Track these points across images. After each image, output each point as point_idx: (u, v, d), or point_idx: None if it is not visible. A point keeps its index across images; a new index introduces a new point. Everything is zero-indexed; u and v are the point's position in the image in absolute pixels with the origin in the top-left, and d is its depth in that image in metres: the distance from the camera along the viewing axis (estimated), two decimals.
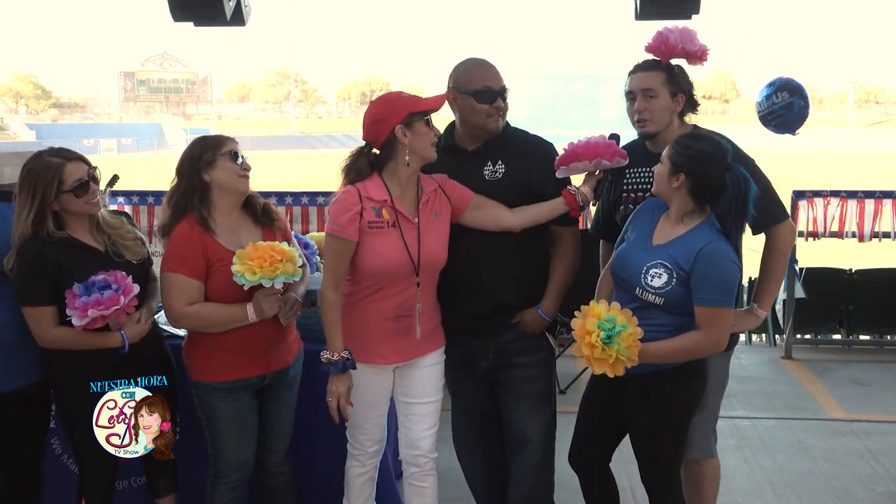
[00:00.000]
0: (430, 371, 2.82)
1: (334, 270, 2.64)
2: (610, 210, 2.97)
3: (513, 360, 2.86)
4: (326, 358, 2.61)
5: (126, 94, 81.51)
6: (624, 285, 2.59)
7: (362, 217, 2.60)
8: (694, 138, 2.56)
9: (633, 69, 2.82)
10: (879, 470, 4.12)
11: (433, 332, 2.81)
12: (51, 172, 2.61)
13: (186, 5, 4.97)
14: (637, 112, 2.78)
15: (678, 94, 2.77)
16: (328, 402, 2.63)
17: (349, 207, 2.60)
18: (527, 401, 2.89)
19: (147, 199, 6.10)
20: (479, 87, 2.74)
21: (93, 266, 2.62)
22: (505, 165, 2.78)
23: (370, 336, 2.70)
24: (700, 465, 2.91)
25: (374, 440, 2.86)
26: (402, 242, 2.62)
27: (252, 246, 2.58)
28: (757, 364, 6.07)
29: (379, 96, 2.70)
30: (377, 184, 2.65)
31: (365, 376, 2.71)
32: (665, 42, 2.76)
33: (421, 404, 2.83)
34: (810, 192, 6.21)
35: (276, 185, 23.58)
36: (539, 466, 2.94)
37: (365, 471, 2.89)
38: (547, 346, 2.90)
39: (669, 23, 2.87)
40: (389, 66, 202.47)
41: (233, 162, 2.68)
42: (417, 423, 2.83)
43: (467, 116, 2.79)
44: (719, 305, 2.43)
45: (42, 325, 2.62)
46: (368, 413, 2.79)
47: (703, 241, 2.45)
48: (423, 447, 2.84)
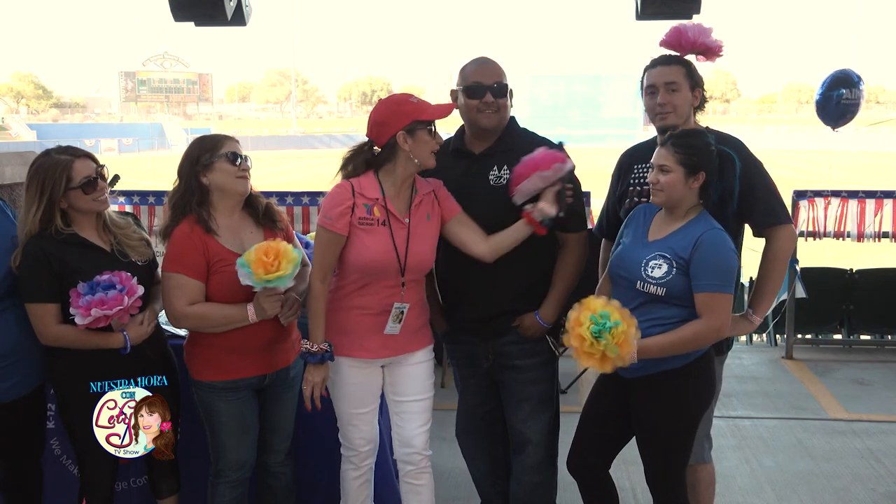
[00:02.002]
0: (419, 368, 2.83)
1: (322, 262, 2.66)
2: (615, 207, 2.96)
3: (513, 363, 2.87)
4: (306, 348, 2.65)
5: (127, 93, 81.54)
6: (624, 283, 2.58)
7: (353, 213, 2.62)
8: (688, 135, 2.56)
9: (652, 63, 2.81)
10: (880, 470, 4.12)
11: (421, 331, 2.82)
12: (59, 169, 2.62)
13: (187, 5, 4.96)
14: (660, 105, 2.75)
15: (696, 88, 2.78)
16: (303, 388, 2.68)
17: (341, 202, 2.62)
18: (527, 402, 2.90)
19: (148, 199, 6.10)
20: (469, 83, 2.76)
21: (98, 265, 2.62)
22: (510, 171, 2.77)
23: (356, 330, 2.72)
24: (695, 470, 2.89)
25: (367, 439, 2.86)
26: (390, 241, 2.64)
27: (259, 246, 2.58)
28: (758, 364, 6.07)
29: (388, 97, 2.71)
30: (372, 181, 2.66)
31: (351, 370, 2.74)
32: (683, 36, 2.76)
33: (411, 402, 2.84)
34: (811, 192, 6.20)
35: (277, 184, 23.63)
36: (540, 467, 2.95)
37: (360, 473, 2.89)
38: (547, 348, 2.90)
39: (671, 23, 2.86)
40: (390, 66, 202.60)
41: (231, 164, 2.68)
42: (409, 421, 2.84)
43: (463, 114, 2.81)
44: (719, 291, 2.44)
45: (45, 323, 2.62)
46: (356, 408, 2.80)
47: (701, 230, 2.48)
48: (416, 444, 2.84)
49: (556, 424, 2.99)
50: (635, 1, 4.96)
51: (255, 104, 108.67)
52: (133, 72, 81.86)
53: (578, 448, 2.76)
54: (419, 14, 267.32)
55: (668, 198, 2.53)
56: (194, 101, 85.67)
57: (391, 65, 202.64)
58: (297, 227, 5.79)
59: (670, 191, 2.51)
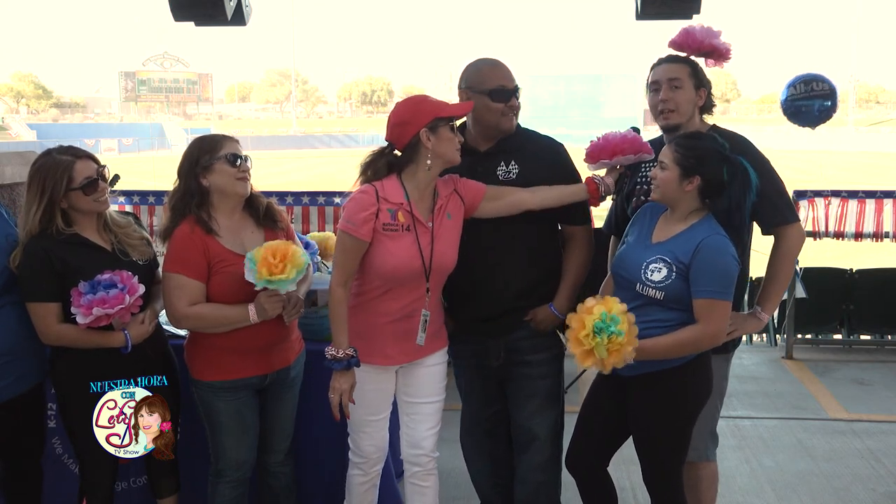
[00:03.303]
0: (433, 371, 2.82)
1: (344, 267, 2.62)
2: (623, 204, 2.97)
3: (524, 358, 2.87)
4: (331, 355, 2.58)
5: (127, 93, 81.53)
6: (624, 283, 2.59)
7: (378, 218, 2.58)
8: (694, 137, 2.56)
9: (658, 61, 2.85)
10: (880, 470, 4.12)
11: (437, 333, 2.81)
12: (60, 169, 2.62)
13: (187, 5, 4.97)
14: (662, 101, 2.77)
15: (701, 88, 2.79)
16: (330, 398, 2.60)
17: (366, 207, 2.57)
18: (535, 398, 2.90)
19: (148, 198, 6.11)
20: (493, 87, 2.74)
21: (99, 265, 2.62)
22: (519, 166, 2.78)
23: (376, 337, 2.69)
24: (697, 468, 2.90)
25: (378, 446, 2.84)
26: (416, 247, 2.61)
27: (269, 245, 2.57)
28: (758, 364, 6.07)
29: (405, 98, 2.70)
30: (395, 185, 2.62)
31: (368, 377, 2.70)
32: (691, 37, 2.78)
33: (424, 404, 2.83)
34: (811, 192, 6.21)
35: (277, 184, 23.61)
36: (545, 465, 2.94)
37: (367, 479, 2.87)
38: (557, 343, 2.91)
39: (671, 23, 2.88)
40: (390, 66, 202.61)
41: (230, 165, 2.66)
42: (420, 423, 2.83)
43: (481, 116, 2.78)
44: (717, 297, 2.44)
45: (46, 322, 2.62)
46: (370, 415, 2.78)
47: (703, 235, 2.47)
48: (425, 447, 2.83)
49: (561, 423, 2.99)
50: (635, 1, 4.96)
51: (255, 104, 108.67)
52: (133, 72, 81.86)
53: (576, 446, 2.76)
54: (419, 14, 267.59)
55: (662, 194, 2.53)
56: (194, 101, 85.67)
57: (391, 65, 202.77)
58: (297, 227, 5.79)
59: (664, 187, 2.52)
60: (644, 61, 2.92)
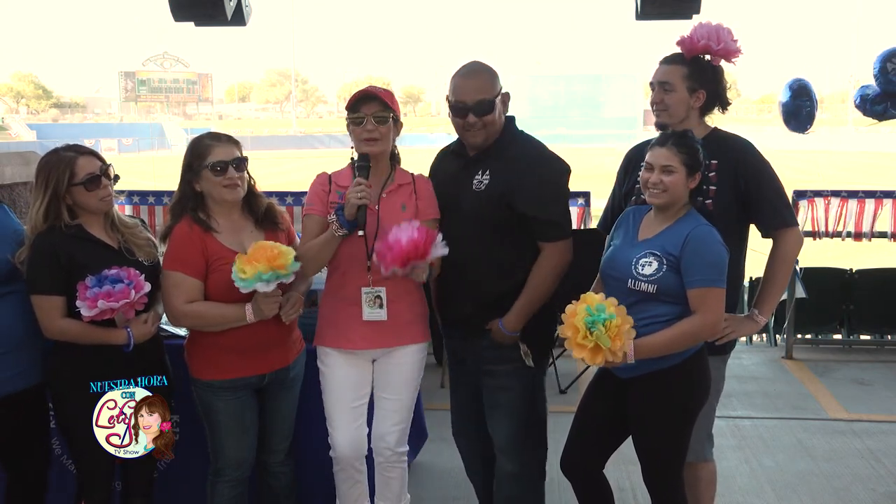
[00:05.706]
0: (403, 367, 2.84)
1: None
2: (620, 203, 2.97)
3: (487, 367, 2.85)
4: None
5: (127, 93, 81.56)
6: (615, 283, 2.58)
7: (328, 197, 2.76)
8: (686, 136, 2.58)
9: (660, 61, 2.87)
10: (880, 470, 4.12)
11: (413, 325, 2.83)
12: (63, 165, 2.64)
13: (187, 5, 4.97)
14: (653, 103, 2.87)
15: (698, 90, 2.78)
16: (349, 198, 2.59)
17: (317, 189, 2.80)
18: (496, 409, 2.87)
19: (148, 199, 6.12)
20: (452, 102, 2.74)
21: (106, 261, 2.63)
22: (490, 177, 2.73)
23: (340, 321, 2.77)
24: (695, 468, 2.89)
25: (349, 442, 2.83)
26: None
27: (252, 248, 2.59)
28: (758, 364, 6.07)
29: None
30: (347, 172, 2.78)
31: (336, 362, 2.80)
32: (690, 37, 2.79)
33: (387, 399, 2.86)
34: (811, 192, 6.22)
35: (277, 185, 23.58)
36: (512, 480, 2.89)
37: (347, 475, 2.90)
38: (518, 357, 2.79)
39: (671, 23, 2.89)
40: (390, 66, 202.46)
41: (215, 174, 2.67)
42: (384, 418, 2.87)
43: (453, 126, 2.81)
44: (711, 285, 2.45)
45: (50, 316, 2.63)
46: (336, 402, 2.82)
47: (690, 227, 2.50)
48: (389, 441, 2.86)
49: (529, 437, 2.87)
50: (635, 1, 4.96)
51: (255, 104, 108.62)
52: (133, 72, 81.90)
53: (572, 448, 2.75)
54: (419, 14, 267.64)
55: (670, 198, 2.53)
56: (194, 101, 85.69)
57: (391, 65, 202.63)
58: (296, 228, 5.76)
59: (674, 190, 2.52)
60: (644, 61, 2.93)
